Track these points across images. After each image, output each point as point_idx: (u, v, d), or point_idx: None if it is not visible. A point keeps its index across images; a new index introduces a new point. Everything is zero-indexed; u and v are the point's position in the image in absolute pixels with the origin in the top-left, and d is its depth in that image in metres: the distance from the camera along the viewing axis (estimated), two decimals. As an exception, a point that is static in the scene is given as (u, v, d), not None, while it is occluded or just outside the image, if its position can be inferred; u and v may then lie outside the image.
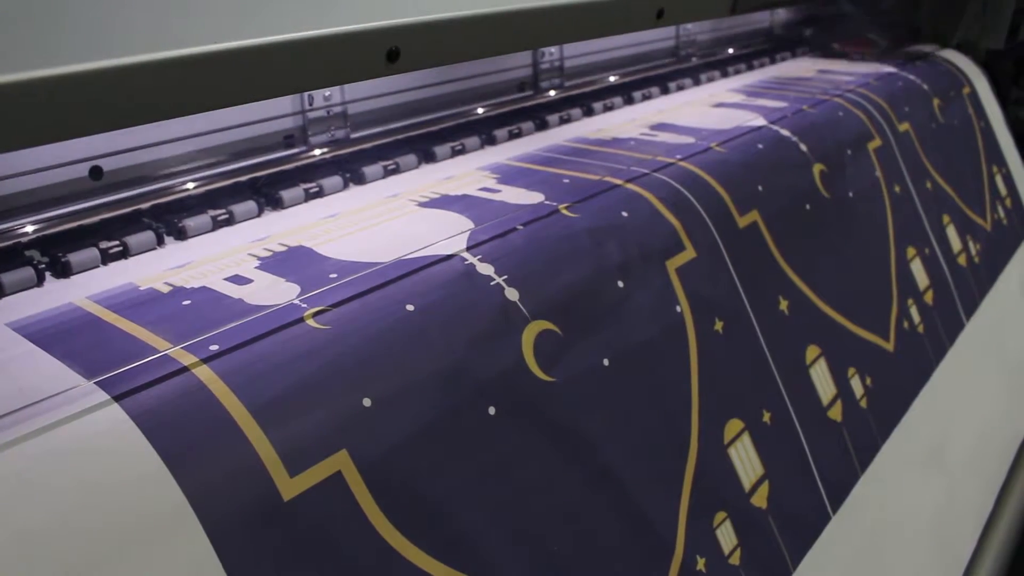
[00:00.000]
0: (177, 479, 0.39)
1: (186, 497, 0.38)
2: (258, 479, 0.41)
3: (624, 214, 0.66)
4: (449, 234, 0.59)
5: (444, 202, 0.66)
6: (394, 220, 0.63)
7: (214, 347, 0.44)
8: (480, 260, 0.56)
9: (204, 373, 0.43)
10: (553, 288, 0.58)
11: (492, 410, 0.52)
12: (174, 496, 0.38)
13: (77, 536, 0.35)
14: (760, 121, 0.92)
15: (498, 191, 0.68)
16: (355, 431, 0.45)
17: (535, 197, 0.67)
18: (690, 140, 0.84)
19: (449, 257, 0.56)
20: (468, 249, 0.57)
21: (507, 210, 0.64)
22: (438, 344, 0.51)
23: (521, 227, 0.61)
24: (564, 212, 0.64)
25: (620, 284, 0.63)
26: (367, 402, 0.46)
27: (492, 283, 0.55)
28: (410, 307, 0.51)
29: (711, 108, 1.00)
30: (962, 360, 1.01)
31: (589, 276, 0.61)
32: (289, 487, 0.42)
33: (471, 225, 0.61)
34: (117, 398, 0.40)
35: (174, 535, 0.38)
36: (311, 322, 0.48)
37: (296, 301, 0.50)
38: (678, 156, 0.78)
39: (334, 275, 0.53)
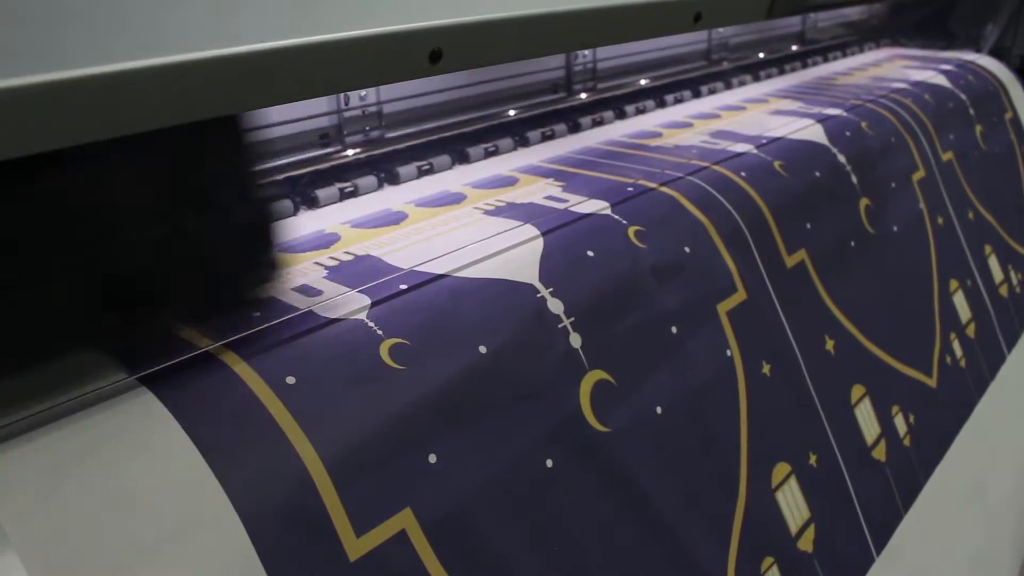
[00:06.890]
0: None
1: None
2: (326, 537, 0.39)
3: (687, 249, 0.64)
4: (521, 255, 0.56)
5: (511, 211, 0.64)
6: (462, 229, 0.60)
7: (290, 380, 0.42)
8: (552, 294, 0.54)
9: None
10: (613, 334, 0.57)
11: (550, 463, 0.50)
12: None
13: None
14: (820, 136, 0.89)
15: (564, 200, 0.66)
16: (420, 488, 0.43)
17: (601, 207, 0.64)
18: (750, 148, 0.82)
19: (522, 286, 0.54)
20: (540, 278, 0.55)
21: (576, 224, 0.61)
22: (504, 393, 0.49)
23: (591, 254, 0.58)
24: (633, 240, 0.62)
25: (674, 330, 0.61)
26: (432, 458, 0.44)
27: (560, 325, 0.53)
28: (483, 348, 0.49)
29: (768, 115, 0.97)
30: (1003, 393, 0.99)
31: (647, 322, 0.59)
32: (355, 547, 0.40)
33: (541, 241, 0.58)
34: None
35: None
36: (388, 360, 0.45)
37: (371, 325, 0.47)
38: (742, 174, 0.75)
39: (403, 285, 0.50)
